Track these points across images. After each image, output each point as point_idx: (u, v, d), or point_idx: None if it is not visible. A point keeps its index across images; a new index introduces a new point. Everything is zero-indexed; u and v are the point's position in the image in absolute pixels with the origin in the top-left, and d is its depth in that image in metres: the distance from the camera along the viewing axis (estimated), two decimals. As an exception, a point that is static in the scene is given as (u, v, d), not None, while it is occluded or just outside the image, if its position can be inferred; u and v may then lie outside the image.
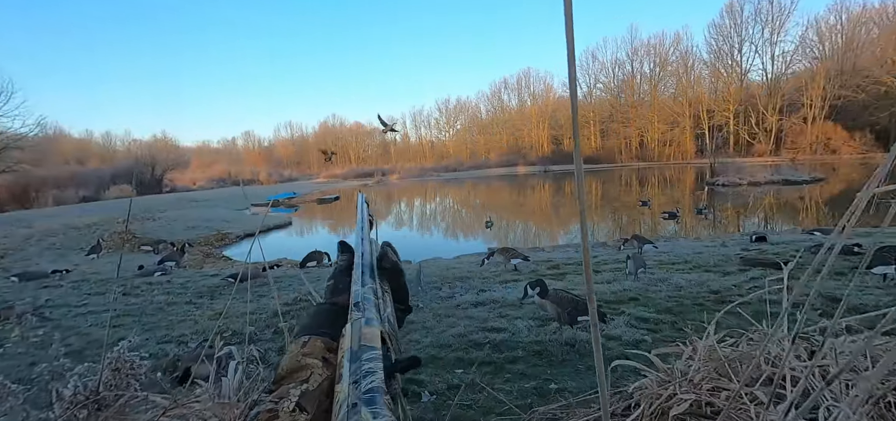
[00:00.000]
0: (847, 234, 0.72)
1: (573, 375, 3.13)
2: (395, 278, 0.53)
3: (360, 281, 0.48)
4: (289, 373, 0.43)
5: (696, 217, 13.97)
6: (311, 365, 0.42)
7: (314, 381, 0.41)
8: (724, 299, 4.54)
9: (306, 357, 0.43)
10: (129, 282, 7.07)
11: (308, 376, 0.41)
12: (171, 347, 4.00)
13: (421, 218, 20.22)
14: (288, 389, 0.40)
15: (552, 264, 7.21)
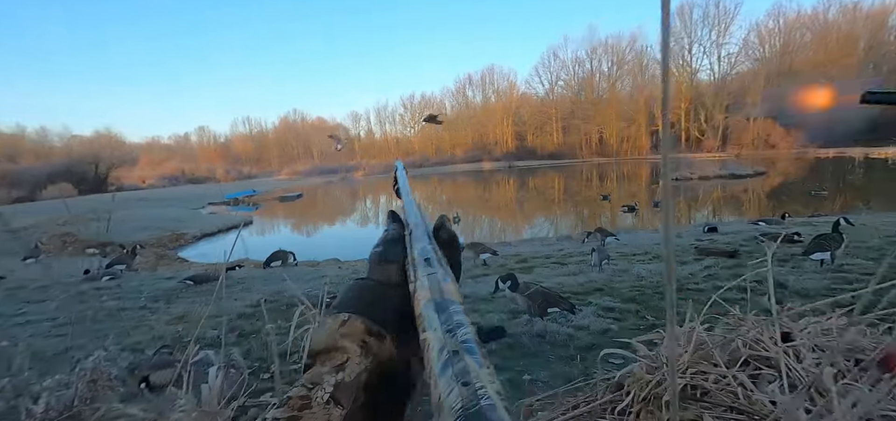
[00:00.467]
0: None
1: (545, 366, 3.20)
2: (451, 252, 0.47)
3: (425, 239, 0.44)
4: (324, 350, 0.39)
5: (652, 210, 14.65)
6: (347, 349, 0.38)
7: (351, 370, 0.37)
8: (682, 287, 4.79)
9: (344, 338, 0.39)
10: (74, 287, 6.57)
11: (344, 362, 0.37)
12: (126, 356, 3.75)
13: (387, 215, 20.07)
14: (321, 375, 0.37)
15: (520, 258, 7.34)
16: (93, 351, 3.89)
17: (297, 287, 2.98)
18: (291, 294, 5.41)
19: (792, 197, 16.41)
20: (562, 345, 3.50)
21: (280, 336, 4.02)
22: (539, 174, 40.50)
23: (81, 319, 4.94)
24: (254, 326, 4.24)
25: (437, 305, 0.32)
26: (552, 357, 3.31)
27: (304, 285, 5.90)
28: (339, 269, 7.79)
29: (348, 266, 8.15)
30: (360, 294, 0.43)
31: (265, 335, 3.99)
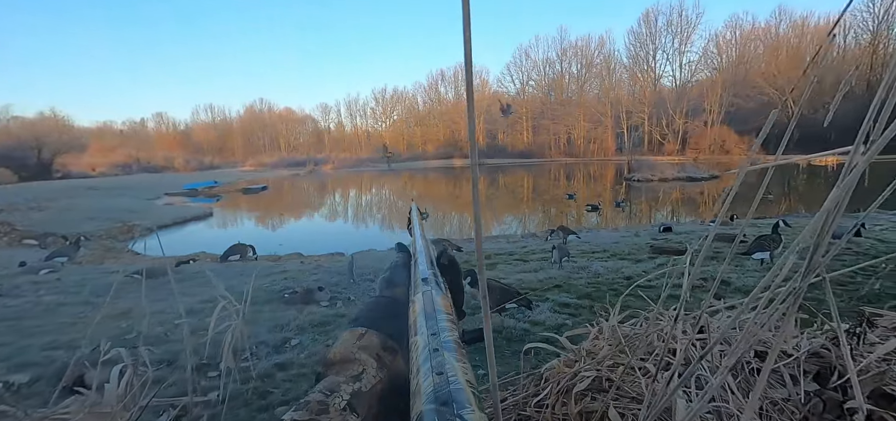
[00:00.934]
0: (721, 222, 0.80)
1: (500, 361, 3.24)
2: (453, 276, 0.53)
3: (425, 263, 0.49)
4: (340, 361, 0.41)
5: (614, 209, 15.16)
6: (363, 361, 0.41)
7: (367, 381, 0.39)
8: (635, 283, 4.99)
9: (361, 351, 0.42)
10: (8, 281, 6.10)
11: (360, 372, 0.40)
12: (60, 354, 3.52)
13: (356, 209, 19.73)
14: (339, 383, 0.38)
15: (484, 255, 7.40)
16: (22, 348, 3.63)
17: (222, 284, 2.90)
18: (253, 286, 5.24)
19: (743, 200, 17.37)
20: (517, 339, 3.56)
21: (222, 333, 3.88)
22: (509, 172, 41.03)
23: (15, 315, 4.60)
24: (203, 323, 4.07)
25: (426, 315, 0.37)
26: (507, 352, 3.36)
27: (261, 280, 5.73)
28: (302, 263, 7.61)
29: (311, 261, 7.98)
30: (375, 311, 0.47)
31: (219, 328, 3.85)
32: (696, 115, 50.30)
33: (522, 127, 63.01)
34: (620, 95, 56.93)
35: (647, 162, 31.35)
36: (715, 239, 5.35)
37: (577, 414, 0.75)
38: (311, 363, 3.26)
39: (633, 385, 0.75)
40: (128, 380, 0.99)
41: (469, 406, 0.25)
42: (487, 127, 65.46)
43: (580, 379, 0.76)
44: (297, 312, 4.33)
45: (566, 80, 62.08)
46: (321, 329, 3.97)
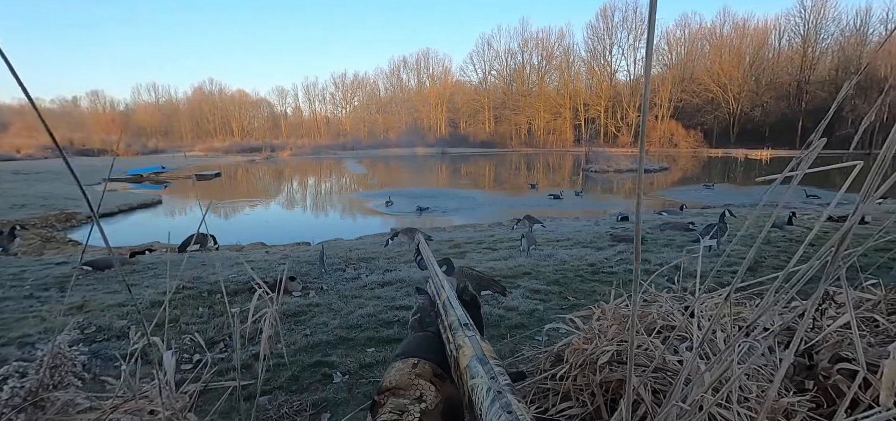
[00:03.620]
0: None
1: (479, 345, 3.38)
2: (474, 312, 0.59)
3: (458, 306, 0.55)
4: (396, 387, 0.46)
5: (574, 198, 15.77)
6: (422, 386, 0.46)
7: (431, 401, 0.45)
8: (599, 270, 5.29)
9: (418, 378, 0.47)
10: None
11: (420, 395, 0.45)
12: (11, 351, 3.29)
13: (317, 197, 19.26)
14: (405, 405, 0.44)
15: (454, 243, 7.54)
16: (72, 335, 3.35)
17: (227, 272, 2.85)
18: (213, 279, 5.06)
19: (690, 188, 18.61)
20: (493, 325, 3.71)
21: (201, 323, 3.78)
22: (472, 161, 41.41)
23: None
24: (170, 315, 3.92)
25: (480, 359, 0.41)
26: (485, 337, 3.51)
27: (227, 271, 5.55)
28: (267, 253, 7.41)
29: (276, 250, 7.78)
30: (424, 344, 0.53)
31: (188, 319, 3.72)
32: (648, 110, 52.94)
33: (484, 117, 63.62)
34: (579, 88, 58.79)
35: (603, 154, 32.73)
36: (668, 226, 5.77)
37: (599, 383, 0.86)
38: (288, 353, 3.24)
39: (644, 357, 0.87)
40: (175, 366, 1.00)
41: None
42: (450, 116, 65.58)
43: (602, 353, 0.87)
44: (269, 302, 4.25)
45: (527, 71, 63.21)
46: (296, 319, 3.94)
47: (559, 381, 0.93)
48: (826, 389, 0.86)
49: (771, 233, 7.13)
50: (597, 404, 0.86)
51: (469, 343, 0.45)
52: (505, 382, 0.38)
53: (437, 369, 0.50)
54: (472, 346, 0.45)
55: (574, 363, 0.92)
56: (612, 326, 1.00)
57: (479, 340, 0.48)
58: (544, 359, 1.08)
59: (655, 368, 0.81)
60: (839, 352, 0.88)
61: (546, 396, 0.94)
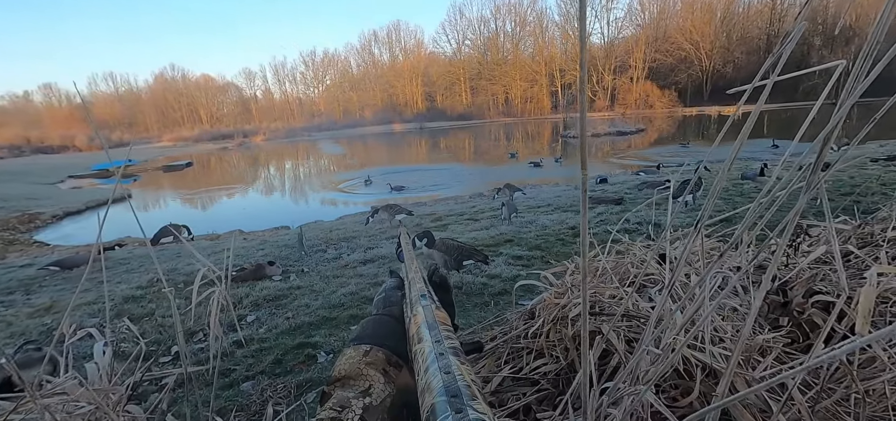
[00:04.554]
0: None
1: (462, 314, 3.37)
2: (443, 293, 0.56)
3: (421, 283, 0.51)
4: (346, 377, 0.42)
5: (554, 165, 15.85)
6: (371, 376, 0.42)
7: (377, 395, 0.41)
8: (579, 233, 5.34)
9: (368, 367, 0.43)
10: None
11: (368, 388, 0.41)
12: (-26, 362, 3.12)
13: (295, 181, 18.85)
14: (348, 398, 0.40)
15: (435, 217, 7.50)
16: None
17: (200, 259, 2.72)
18: (188, 271, 4.91)
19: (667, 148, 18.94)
20: (476, 293, 3.72)
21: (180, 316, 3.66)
22: (450, 135, 41.10)
23: None
24: (145, 309, 3.79)
25: (429, 325, 0.40)
26: (469, 305, 3.51)
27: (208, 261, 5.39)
28: (245, 240, 7.23)
29: (254, 237, 7.61)
30: (379, 328, 0.49)
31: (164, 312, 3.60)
32: (623, 72, 53.16)
33: (461, 89, 62.89)
34: (553, 54, 58.48)
35: (580, 119, 32.88)
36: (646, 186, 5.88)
37: (571, 337, 0.83)
38: (271, 336, 3.18)
39: (617, 306, 0.84)
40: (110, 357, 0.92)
41: (476, 398, 0.28)
42: (425, 89, 64.58)
43: (574, 306, 0.84)
44: (249, 288, 4.15)
45: (501, 38, 62.44)
46: (277, 303, 3.86)
47: (532, 339, 0.90)
48: (800, 324, 0.85)
49: (744, 185, 7.31)
50: (570, 359, 0.83)
51: (422, 311, 0.43)
52: (449, 345, 0.36)
53: (393, 357, 0.46)
54: (425, 313, 0.43)
55: (546, 319, 0.89)
56: (585, 279, 0.97)
57: (434, 309, 0.44)
58: (517, 318, 1.04)
59: (628, 316, 0.78)
60: (813, 286, 0.87)
61: (520, 355, 0.91)
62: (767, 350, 0.74)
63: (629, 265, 1.00)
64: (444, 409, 0.27)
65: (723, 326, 0.80)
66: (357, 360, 0.44)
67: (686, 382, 0.72)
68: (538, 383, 0.88)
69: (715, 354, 0.66)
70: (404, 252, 0.65)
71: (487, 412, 0.27)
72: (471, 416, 0.26)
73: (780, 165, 0.62)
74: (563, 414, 0.69)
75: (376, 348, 0.45)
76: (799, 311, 0.86)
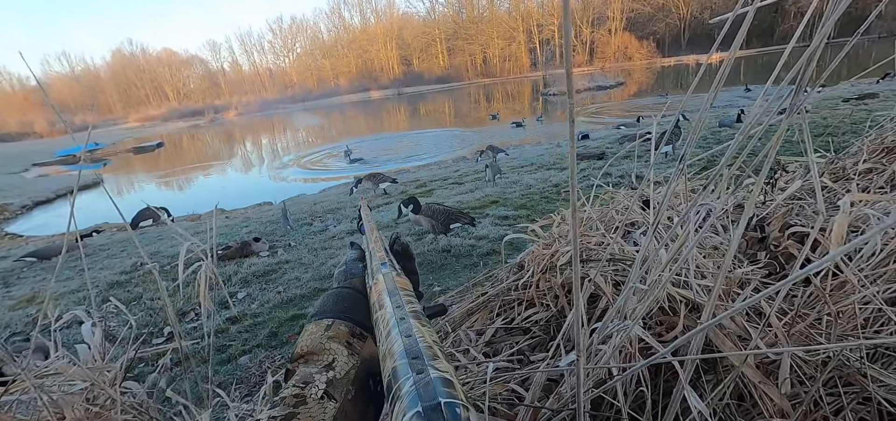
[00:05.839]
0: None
1: (452, 276, 3.43)
2: (406, 262, 0.56)
3: (383, 251, 0.51)
4: (308, 353, 0.42)
5: (536, 124, 15.81)
6: (334, 350, 0.42)
7: (340, 368, 0.41)
8: (563, 189, 5.40)
9: (331, 341, 0.43)
10: None
11: (331, 361, 0.41)
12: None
13: (273, 156, 18.40)
14: (311, 374, 0.40)
15: (420, 183, 7.47)
16: None
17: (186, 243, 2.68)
18: (172, 253, 4.83)
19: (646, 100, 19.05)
20: (465, 255, 3.77)
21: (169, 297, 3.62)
22: (429, 99, 40.39)
23: None
24: (132, 294, 3.74)
25: (389, 291, 0.40)
26: (458, 267, 3.56)
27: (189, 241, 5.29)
28: (227, 218, 7.10)
29: (237, 215, 7.48)
30: (340, 302, 0.48)
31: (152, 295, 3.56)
32: (601, 24, 52.50)
33: (437, 50, 61.35)
34: (530, 8, 57.20)
35: (560, 76, 32.60)
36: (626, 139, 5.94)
37: (560, 285, 0.85)
38: (264, 311, 3.19)
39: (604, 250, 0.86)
40: (100, 335, 0.91)
41: (438, 358, 0.28)
42: (401, 53, 62.85)
43: (562, 255, 0.86)
44: (237, 266, 4.12)
45: (477, -5, 60.60)
46: (267, 278, 3.85)
47: (523, 290, 0.92)
48: (777, 257, 0.89)
49: (722, 132, 7.45)
50: (560, 306, 0.85)
51: (383, 279, 0.43)
52: (410, 310, 0.36)
53: (356, 329, 0.45)
54: (385, 281, 0.43)
55: (535, 269, 0.91)
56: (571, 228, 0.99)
57: (394, 276, 0.44)
58: (507, 271, 1.06)
59: (614, 259, 0.81)
60: (788, 220, 0.90)
61: (512, 306, 0.94)
62: (746, 283, 0.77)
63: (614, 213, 1.02)
64: (405, 371, 0.27)
65: (704, 262, 0.84)
66: (319, 335, 0.44)
67: (670, 318, 0.75)
68: (530, 331, 0.91)
69: (697, 288, 0.69)
70: (365, 223, 0.64)
71: (449, 370, 0.27)
72: (432, 374, 0.26)
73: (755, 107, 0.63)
74: (556, 355, 0.72)
75: (339, 322, 0.45)
76: (775, 245, 0.90)
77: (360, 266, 0.55)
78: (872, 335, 0.64)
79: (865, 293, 0.64)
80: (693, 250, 0.77)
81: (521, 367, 0.73)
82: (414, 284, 0.53)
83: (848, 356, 0.63)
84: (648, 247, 0.66)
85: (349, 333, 0.44)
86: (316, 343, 0.43)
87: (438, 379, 0.25)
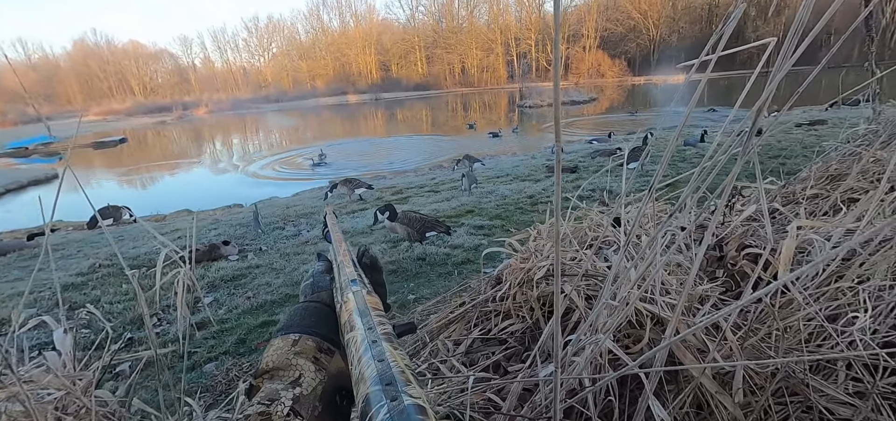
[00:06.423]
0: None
1: (427, 284, 3.44)
2: (374, 274, 0.55)
3: (352, 266, 0.50)
4: (274, 369, 0.41)
5: (512, 135, 16.07)
6: (300, 366, 0.41)
7: (307, 384, 0.40)
8: (538, 201, 5.52)
9: (297, 356, 0.42)
10: None
11: (298, 377, 0.40)
12: None
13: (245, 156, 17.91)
14: (277, 390, 0.39)
15: (396, 190, 7.46)
16: None
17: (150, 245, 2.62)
18: (134, 254, 4.62)
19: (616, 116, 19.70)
20: (440, 263, 3.79)
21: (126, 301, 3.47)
22: (407, 106, 40.39)
23: None
24: (89, 296, 3.56)
25: (360, 312, 0.39)
26: (433, 275, 3.57)
27: (151, 242, 5.09)
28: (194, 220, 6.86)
29: (205, 216, 7.24)
30: (307, 317, 0.47)
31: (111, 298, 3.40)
32: (575, 41, 54.08)
33: (416, 58, 61.55)
34: (509, 22, 58.32)
35: (536, 89, 33.32)
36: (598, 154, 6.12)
37: (536, 298, 0.89)
38: (232, 317, 3.11)
39: (578, 265, 0.91)
40: (71, 343, 0.88)
41: (411, 383, 0.28)
42: (380, 58, 62.68)
43: (537, 269, 0.90)
44: (204, 269, 3.99)
45: (455, 5, 61.29)
46: (236, 283, 3.75)
47: (500, 302, 0.95)
48: (733, 275, 0.96)
49: (686, 151, 7.80)
50: (536, 318, 0.89)
51: (353, 298, 0.42)
52: (382, 332, 0.36)
53: (324, 344, 0.45)
54: (356, 300, 0.42)
55: (513, 282, 0.94)
56: (546, 244, 1.03)
57: (365, 294, 0.43)
58: (485, 283, 1.10)
59: (587, 275, 0.85)
60: (744, 241, 0.98)
61: (488, 317, 0.97)
62: (706, 299, 0.83)
63: (587, 229, 1.07)
64: (379, 397, 0.27)
65: (669, 279, 0.89)
66: (285, 350, 0.43)
67: (637, 331, 0.80)
68: (506, 342, 0.94)
69: (663, 304, 0.74)
70: (332, 233, 0.63)
71: (422, 396, 0.28)
72: (406, 401, 0.26)
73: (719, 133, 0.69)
74: (532, 366, 0.75)
75: (306, 336, 0.44)
76: (732, 263, 0.97)
77: (328, 279, 0.54)
78: (815, 349, 0.71)
79: (809, 311, 0.70)
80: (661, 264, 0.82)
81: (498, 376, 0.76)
82: (382, 297, 0.53)
83: (793, 368, 0.69)
84: (620, 265, 0.70)
85: (316, 348, 0.44)
86: (282, 358, 0.42)
87: (412, 406, 0.26)
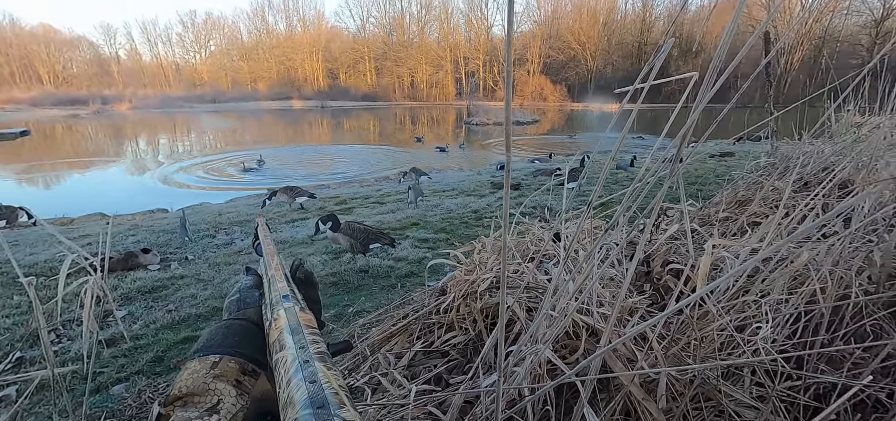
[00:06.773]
0: None
1: (369, 298, 3.36)
2: (308, 290, 0.52)
3: (284, 281, 0.47)
4: (188, 394, 0.36)
5: (458, 151, 16.35)
6: (220, 390, 0.37)
7: (227, 411, 0.36)
8: (482, 216, 5.63)
9: (216, 380, 0.37)
10: None
11: (216, 403, 0.36)
12: None
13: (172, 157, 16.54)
14: (191, 419, 0.34)
15: (340, 200, 7.26)
16: None
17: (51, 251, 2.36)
18: (31, 262, 4.07)
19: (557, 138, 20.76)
20: (383, 276, 3.73)
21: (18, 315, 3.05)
22: (354, 115, 39.75)
23: None
24: None
25: (292, 330, 0.36)
26: (375, 288, 3.50)
27: (54, 249, 4.52)
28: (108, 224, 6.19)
29: (122, 221, 6.56)
30: (229, 336, 0.43)
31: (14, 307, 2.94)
32: (520, 65, 56.57)
33: (365, 68, 61.01)
34: (458, 40, 59.79)
35: (483, 107, 34.28)
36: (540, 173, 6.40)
37: (480, 310, 0.90)
38: (148, 332, 2.82)
39: (520, 278, 0.93)
40: None
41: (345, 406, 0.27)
42: (328, 66, 61.32)
43: (482, 281, 0.91)
44: (118, 279, 3.61)
45: (407, 20, 61.81)
46: (155, 295, 3.43)
47: (443, 314, 0.95)
48: (659, 288, 1.03)
49: (618, 173, 8.38)
50: (478, 330, 0.90)
51: (284, 315, 0.40)
52: (315, 351, 0.33)
53: (248, 366, 0.41)
54: (287, 316, 0.39)
55: (457, 294, 0.95)
56: (490, 257, 1.05)
57: (298, 311, 0.40)
58: (429, 295, 1.09)
59: (528, 287, 0.88)
60: (668, 258, 1.06)
61: (432, 330, 0.96)
62: (635, 310, 0.89)
63: (529, 243, 1.11)
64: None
65: (603, 292, 0.94)
66: (203, 373, 0.39)
67: (574, 342, 0.83)
68: (448, 354, 0.94)
69: (598, 315, 0.77)
70: (263, 245, 0.59)
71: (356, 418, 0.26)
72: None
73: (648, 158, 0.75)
74: (474, 377, 0.75)
75: (228, 358, 0.40)
76: (658, 278, 1.05)
77: (257, 294, 0.50)
78: (726, 357, 0.78)
79: (722, 322, 0.78)
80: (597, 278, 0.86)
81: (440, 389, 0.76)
82: (316, 314, 0.50)
83: (708, 375, 0.75)
84: (559, 277, 0.73)
85: (239, 370, 0.40)
86: (198, 383, 0.38)
87: None
